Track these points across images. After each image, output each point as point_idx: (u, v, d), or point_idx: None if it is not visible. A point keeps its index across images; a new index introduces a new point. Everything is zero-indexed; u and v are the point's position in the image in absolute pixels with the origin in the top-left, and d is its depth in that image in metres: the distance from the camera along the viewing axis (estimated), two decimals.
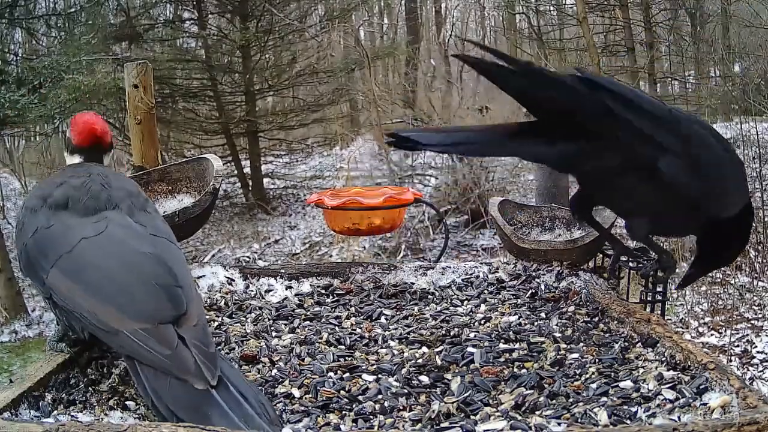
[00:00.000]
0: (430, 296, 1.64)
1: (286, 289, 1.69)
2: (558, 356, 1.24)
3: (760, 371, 4.21)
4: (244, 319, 1.52)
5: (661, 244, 1.48)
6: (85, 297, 1.09)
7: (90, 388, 1.14)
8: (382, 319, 1.50)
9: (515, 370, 1.20)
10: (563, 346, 1.29)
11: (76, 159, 1.35)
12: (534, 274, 1.69)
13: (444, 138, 1.31)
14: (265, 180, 10.55)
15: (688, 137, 1.26)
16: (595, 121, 1.21)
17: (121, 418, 1.05)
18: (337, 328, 1.46)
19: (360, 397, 1.12)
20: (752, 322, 4.92)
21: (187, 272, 1.19)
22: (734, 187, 1.34)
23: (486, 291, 1.65)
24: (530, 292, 1.61)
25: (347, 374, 1.21)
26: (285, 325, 1.48)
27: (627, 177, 1.28)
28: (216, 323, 1.48)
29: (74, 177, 1.26)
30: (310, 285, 1.72)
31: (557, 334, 1.35)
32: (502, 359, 1.25)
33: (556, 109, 1.23)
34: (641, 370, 1.15)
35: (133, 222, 1.22)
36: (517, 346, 1.31)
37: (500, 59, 1.19)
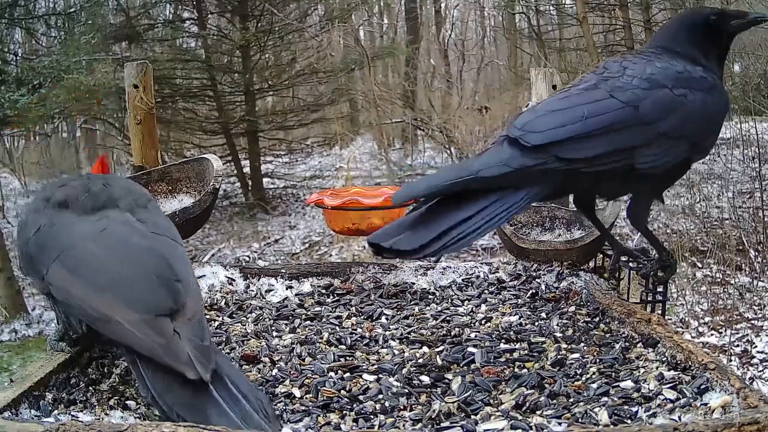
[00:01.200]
0: (430, 296, 1.64)
1: (287, 289, 1.69)
2: (559, 356, 1.24)
3: (760, 371, 4.21)
4: (244, 319, 1.52)
5: (661, 244, 1.48)
6: (83, 287, 1.10)
7: (90, 388, 1.14)
8: (383, 319, 1.50)
9: (516, 370, 1.20)
10: (564, 346, 1.29)
11: None
12: (534, 274, 1.69)
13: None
14: (265, 180, 10.54)
15: (657, 111, 1.26)
16: (558, 173, 1.22)
17: (122, 417, 1.05)
18: (337, 328, 1.46)
19: (360, 397, 1.12)
20: (752, 322, 4.92)
21: (188, 268, 1.19)
22: (713, 124, 1.35)
23: (486, 291, 1.65)
24: (531, 292, 1.61)
25: (348, 374, 1.21)
26: (285, 324, 1.48)
27: (611, 184, 1.30)
28: (216, 323, 1.48)
29: (75, 179, 1.31)
30: (311, 285, 1.72)
31: (558, 334, 1.35)
32: (502, 359, 1.26)
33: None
34: (642, 370, 1.15)
35: (134, 219, 1.23)
36: (517, 346, 1.31)
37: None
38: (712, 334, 4.80)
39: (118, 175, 1.47)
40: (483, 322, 1.45)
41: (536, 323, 1.42)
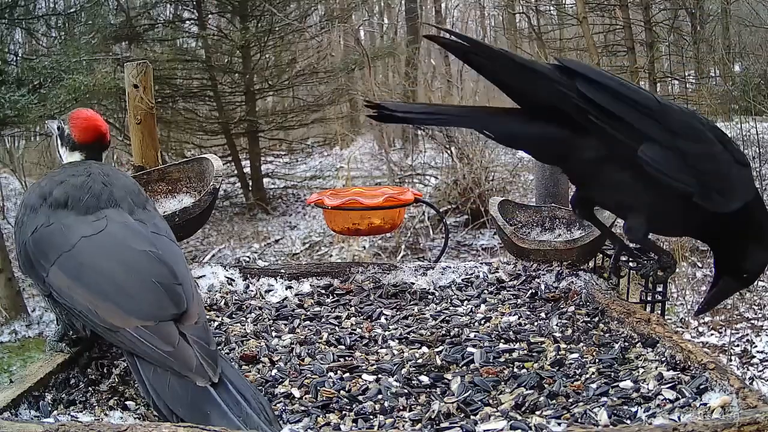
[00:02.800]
0: (430, 296, 1.64)
1: (286, 289, 1.69)
2: (558, 356, 1.24)
3: (760, 371, 4.21)
4: (244, 319, 1.52)
5: (661, 244, 1.48)
6: (86, 295, 1.09)
7: (90, 388, 1.14)
8: (382, 319, 1.50)
9: (515, 370, 1.20)
10: (563, 346, 1.29)
11: (76, 156, 1.35)
12: (534, 274, 1.69)
13: (421, 108, 1.39)
14: (265, 180, 10.54)
15: (676, 129, 1.25)
16: (573, 109, 1.22)
17: (121, 418, 1.05)
18: (337, 328, 1.46)
19: (360, 397, 1.12)
20: (752, 322, 4.92)
21: (187, 270, 1.19)
22: (732, 181, 1.30)
23: (486, 291, 1.65)
24: (530, 292, 1.61)
25: (347, 374, 1.21)
26: (285, 325, 1.48)
27: (612, 168, 1.27)
28: (216, 323, 1.48)
29: (74, 176, 1.26)
30: (310, 285, 1.72)
31: (557, 334, 1.35)
32: (502, 359, 1.26)
33: (534, 98, 1.25)
34: (641, 370, 1.15)
35: (133, 220, 1.22)
36: (517, 346, 1.31)
37: (473, 46, 1.22)
38: (712, 334, 4.80)
39: (116, 167, 1.44)
40: (482, 322, 1.45)
41: (536, 323, 1.42)
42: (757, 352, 4.46)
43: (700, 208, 1.27)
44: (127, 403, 1.10)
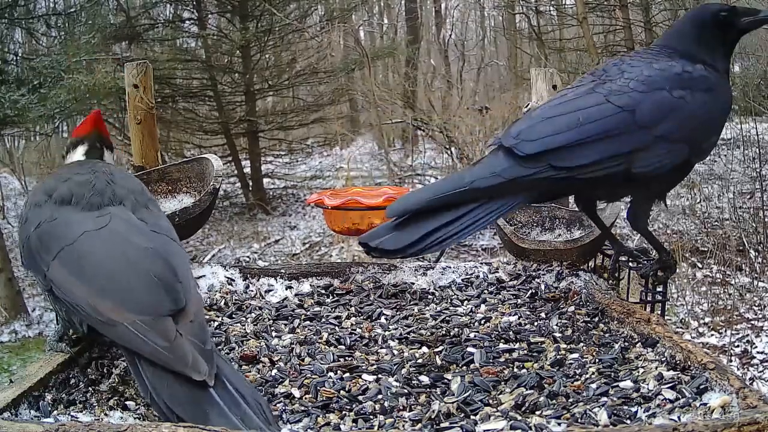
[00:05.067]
0: (430, 296, 1.64)
1: (286, 289, 1.69)
2: (558, 356, 1.24)
3: (760, 371, 4.21)
4: (244, 319, 1.52)
5: (662, 244, 1.48)
6: (85, 289, 1.10)
7: (90, 388, 1.14)
8: (382, 319, 1.50)
9: (515, 370, 1.20)
10: (563, 346, 1.29)
11: (79, 153, 1.37)
12: (534, 274, 1.69)
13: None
14: (265, 180, 10.54)
15: (650, 119, 1.25)
16: (559, 181, 1.23)
17: (121, 418, 1.05)
18: (337, 328, 1.46)
19: (360, 397, 1.12)
20: (752, 322, 4.92)
21: (188, 269, 1.19)
22: (714, 124, 1.33)
23: (486, 291, 1.65)
24: (530, 292, 1.61)
25: (347, 374, 1.21)
26: (285, 325, 1.48)
27: (610, 186, 1.30)
28: (216, 323, 1.48)
29: (79, 174, 1.28)
30: (310, 285, 1.72)
31: (557, 334, 1.35)
32: (502, 359, 1.26)
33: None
34: (641, 370, 1.15)
35: (135, 218, 1.22)
36: (517, 346, 1.31)
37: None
38: (712, 335, 4.80)
39: (118, 166, 1.44)
40: (482, 322, 1.45)
41: (535, 323, 1.42)
42: (758, 352, 4.46)
43: (694, 162, 1.34)
44: (127, 403, 1.10)
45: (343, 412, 1.08)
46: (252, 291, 1.69)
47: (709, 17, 1.37)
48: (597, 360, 1.21)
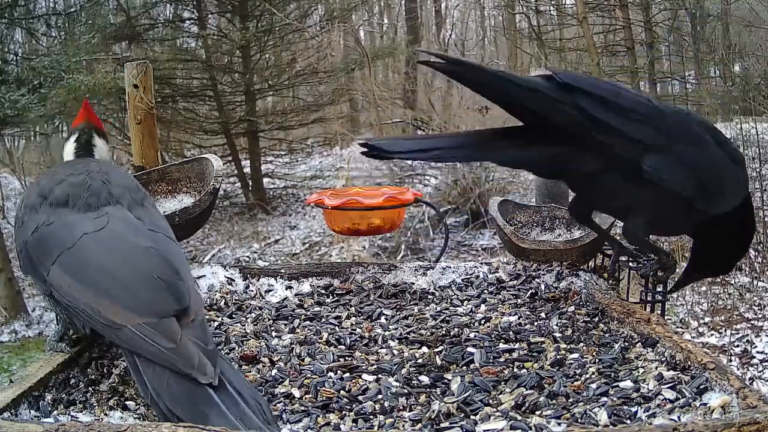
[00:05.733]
0: (430, 296, 1.64)
1: (286, 289, 1.69)
2: (558, 356, 1.24)
3: (760, 371, 4.21)
4: (244, 319, 1.52)
5: (661, 245, 1.48)
6: (87, 293, 1.09)
7: (90, 388, 1.14)
8: (382, 319, 1.50)
9: (515, 370, 1.20)
10: (563, 346, 1.29)
11: (71, 144, 1.38)
12: (534, 274, 1.69)
13: (413, 145, 1.29)
14: (265, 180, 10.54)
15: (675, 134, 1.25)
16: (572, 123, 1.21)
17: (121, 418, 1.05)
18: (337, 328, 1.46)
19: (360, 397, 1.12)
20: (752, 322, 4.92)
21: (187, 268, 1.19)
22: (729, 183, 1.31)
23: (486, 291, 1.65)
24: (530, 292, 1.60)
25: (347, 374, 1.21)
26: (285, 325, 1.48)
27: (613, 178, 1.28)
28: (216, 323, 1.48)
29: (73, 174, 1.26)
30: (310, 285, 1.72)
31: (557, 334, 1.35)
32: (502, 359, 1.25)
33: (532, 114, 1.23)
34: (641, 370, 1.15)
35: (133, 217, 1.22)
36: (517, 346, 1.31)
37: (468, 69, 1.20)
38: (712, 335, 4.80)
39: (113, 163, 1.44)
40: (482, 322, 1.45)
41: (535, 323, 1.42)
42: (757, 352, 4.47)
43: (696, 208, 1.29)
44: (127, 403, 1.10)
45: (343, 412, 1.08)
46: (252, 291, 1.69)
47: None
48: (597, 360, 1.21)
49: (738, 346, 4.58)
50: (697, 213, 1.30)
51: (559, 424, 0.99)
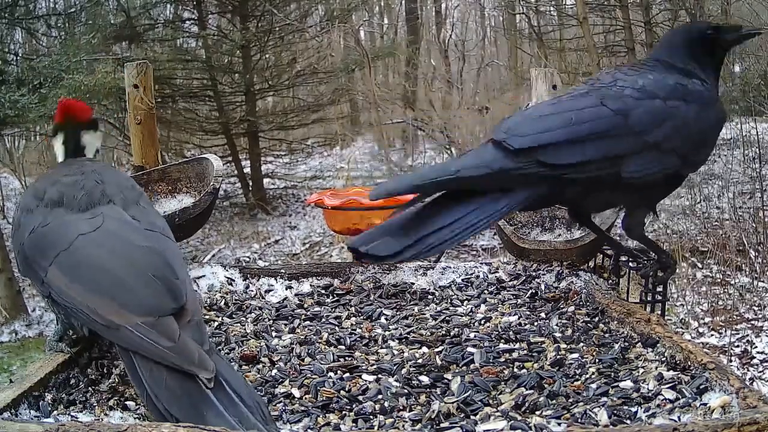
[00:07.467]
0: (430, 296, 1.64)
1: (286, 289, 1.69)
2: (558, 356, 1.24)
3: (760, 371, 4.21)
4: (244, 319, 1.52)
5: (661, 245, 1.48)
6: (85, 293, 1.09)
7: (90, 388, 1.14)
8: (382, 319, 1.50)
9: (515, 370, 1.20)
10: (563, 346, 1.29)
11: (58, 141, 1.38)
12: (534, 274, 1.69)
13: (398, 244, 1.16)
14: (265, 180, 10.53)
15: (641, 125, 1.25)
16: (542, 177, 1.21)
17: (121, 418, 1.05)
18: (337, 328, 1.46)
19: (360, 397, 1.12)
20: (752, 322, 4.92)
21: (184, 266, 1.19)
22: (705, 135, 1.34)
23: (486, 291, 1.65)
24: (530, 292, 1.61)
25: (347, 374, 1.21)
26: (285, 325, 1.48)
27: (599, 194, 1.30)
28: (216, 323, 1.48)
29: (67, 175, 1.27)
30: (310, 285, 1.72)
31: (557, 334, 1.35)
32: (502, 359, 1.25)
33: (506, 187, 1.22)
34: (641, 370, 1.15)
35: (128, 216, 1.22)
36: (517, 346, 1.31)
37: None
38: (712, 335, 4.80)
39: (105, 163, 1.44)
40: (482, 322, 1.45)
41: (535, 323, 1.42)
42: (757, 352, 4.46)
43: (683, 174, 1.36)
44: (127, 403, 1.11)
45: (343, 412, 1.08)
46: (252, 291, 1.69)
47: (697, 35, 1.40)
48: (597, 360, 1.21)
49: (738, 346, 4.58)
50: (682, 176, 1.36)
51: (559, 424, 1.00)
